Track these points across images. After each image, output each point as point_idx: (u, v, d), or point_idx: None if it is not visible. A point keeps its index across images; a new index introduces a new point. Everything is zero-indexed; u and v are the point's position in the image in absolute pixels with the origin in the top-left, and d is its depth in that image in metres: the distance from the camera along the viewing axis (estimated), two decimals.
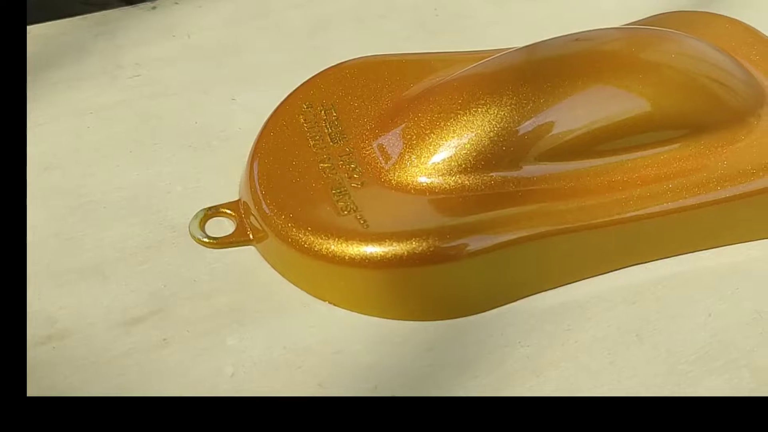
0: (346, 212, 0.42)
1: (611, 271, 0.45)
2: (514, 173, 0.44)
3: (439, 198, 0.43)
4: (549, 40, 0.48)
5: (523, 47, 0.47)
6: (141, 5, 0.57)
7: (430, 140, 0.44)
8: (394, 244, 0.41)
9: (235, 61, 0.54)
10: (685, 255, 0.46)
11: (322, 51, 0.53)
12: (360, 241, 0.41)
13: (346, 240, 0.41)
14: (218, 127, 0.50)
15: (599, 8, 0.57)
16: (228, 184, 0.46)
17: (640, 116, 0.46)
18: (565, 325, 0.43)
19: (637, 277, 0.45)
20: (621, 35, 0.49)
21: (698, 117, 0.47)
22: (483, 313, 0.43)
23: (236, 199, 0.46)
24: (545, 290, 0.44)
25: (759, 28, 0.53)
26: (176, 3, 0.57)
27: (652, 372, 0.41)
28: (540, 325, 0.43)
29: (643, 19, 0.53)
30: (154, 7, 0.57)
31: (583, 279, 0.45)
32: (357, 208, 0.42)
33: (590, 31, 0.48)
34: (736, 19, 0.53)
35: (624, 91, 0.46)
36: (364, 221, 0.42)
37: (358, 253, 0.41)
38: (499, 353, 0.41)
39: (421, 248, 0.41)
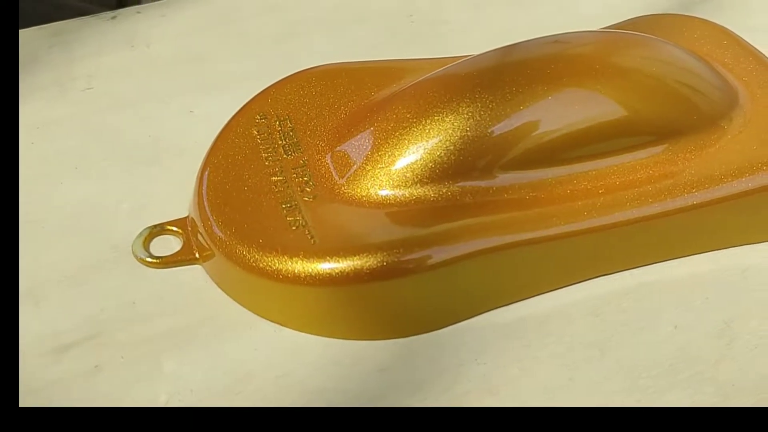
0: (294, 227, 0.41)
1: (575, 283, 0.43)
2: (471, 183, 0.42)
3: (392, 211, 0.42)
4: (512, 44, 0.46)
5: (485, 52, 0.46)
6: (101, 15, 0.55)
7: (384, 151, 0.43)
8: (342, 259, 0.40)
9: (196, 71, 0.53)
10: (653, 265, 0.44)
11: (290, 59, 0.52)
12: (305, 257, 0.40)
13: (291, 256, 0.40)
14: (173, 140, 0.48)
15: (578, 13, 0.56)
16: (180, 200, 0.45)
17: (606, 122, 0.45)
18: (525, 341, 0.41)
19: (602, 288, 0.43)
20: (587, 39, 0.47)
21: (667, 122, 0.45)
22: (438, 331, 0.41)
23: (185, 216, 0.44)
24: (505, 305, 0.42)
25: (736, 31, 0.51)
26: (138, 12, 0.56)
27: (613, 388, 0.40)
28: (498, 341, 0.41)
29: (618, 23, 0.52)
30: (114, 17, 0.55)
31: (546, 292, 0.42)
32: (307, 222, 0.41)
33: (555, 35, 0.46)
34: (711, 22, 0.51)
35: (587, 96, 0.45)
36: (312, 236, 0.40)
37: (303, 269, 0.40)
38: (453, 372, 0.40)
39: (369, 264, 0.40)
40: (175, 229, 0.44)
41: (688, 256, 0.45)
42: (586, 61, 0.45)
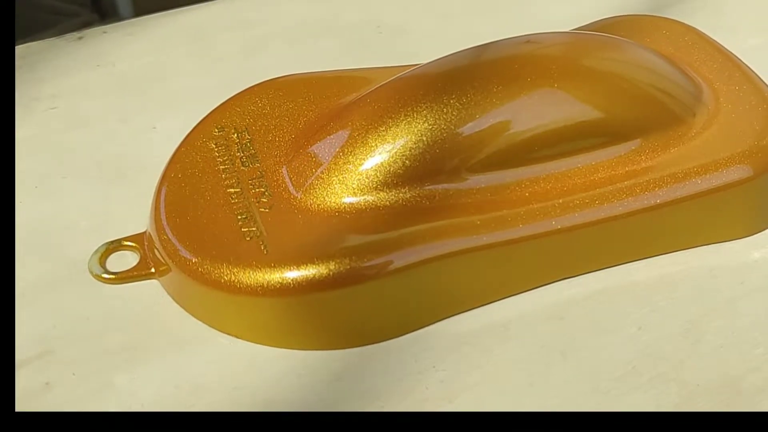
0: (249, 238, 0.40)
1: (538, 287, 0.42)
2: (428, 188, 0.42)
3: (348, 219, 0.41)
4: (472, 48, 0.46)
5: (444, 56, 0.45)
6: (67, 36, 0.55)
7: (339, 159, 0.43)
8: (292, 269, 0.39)
9: (160, 88, 0.52)
10: (618, 267, 0.43)
11: (256, 74, 0.51)
12: (256, 267, 0.39)
13: (243, 267, 0.40)
14: (135, 157, 0.48)
15: (546, 19, 0.56)
16: (141, 216, 0.44)
17: (567, 123, 0.44)
18: (485, 347, 0.40)
19: (566, 292, 0.43)
20: (550, 40, 0.47)
21: (630, 122, 0.45)
22: (396, 339, 0.40)
23: (143, 231, 0.43)
24: (466, 310, 0.41)
25: (709, 31, 0.51)
26: (105, 32, 0.56)
27: (574, 391, 0.39)
28: (458, 347, 0.40)
29: (586, 25, 0.51)
30: (81, 37, 0.55)
31: (508, 296, 0.42)
32: (262, 233, 0.40)
33: (516, 37, 0.46)
34: (678, 21, 0.51)
35: (546, 97, 0.44)
36: (265, 246, 0.40)
37: (254, 280, 0.39)
38: (411, 380, 0.39)
39: (320, 272, 0.39)
40: (131, 244, 0.43)
41: (655, 256, 0.44)
42: (548, 62, 0.45)
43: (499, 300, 0.43)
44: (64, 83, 0.53)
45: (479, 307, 0.42)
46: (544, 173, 0.43)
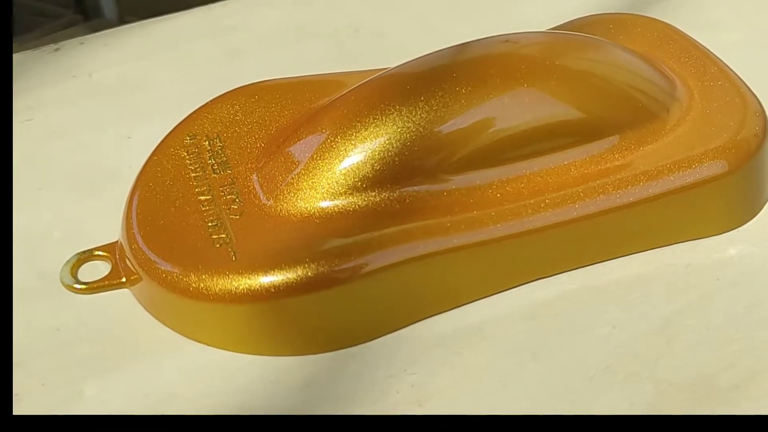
0: (218, 245, 0.40)
1: (512, 287, 0.42)
2: (399, 191, 0.42)
3: (318, 224, 0.42)
4: (445, 49, 0.46)
5: (416, 58, 0.45)
6: (44, 48, 0.55)
7: (308, 165, 0.43)
8: (262, 275, 0.39)
9: (137, 97, 0.53)
10: (593, 266, 0.43)
11: (234, 81, 0.51)
12: (224, 274, 0.40)
13: (211, 274, 0.40)
14: (110, 166, 0.48)
15: (524, 20, 0.56)
16: (114, 226, 0.44)
17: (539, 122, 0.44)
18: (457, 349, 0.40)
19: (540, 292, 0.43)
20: (522, 40, 0.47)
21: (603, 120, 0.45)
22: (368, 343, 0.40)
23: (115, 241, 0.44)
24: (438, 313, 0.41)
25: (690, 28, 0.51)
26: (82, 43, 0.56)
27: (546, 392, 0.39)
28: (430, 350, 0.40)
29: (561, 24, 0.51)
30: (57, 49, 0.56)
31: (482, 298, 0.42)
32: (231, 240, 0.40)
33: (486, 37, 0.46)
34: (655, 19, 0.51)
35: (518, 96, 0.44)
36: (234, 253, 0.40)
37: (222, 287, 0.39)
38: (382, 384, 0.39)
39: (290, 278, 0.39)
40: (103, 254, 0.43)
41: (629, 255, 0.44)
42: (518, 61, 0.45)
43: (472, 302, 0.42)
44: (40, 94, 0.53)
45: (452, 309, 0.42)
46: (517, 173, 0.43)
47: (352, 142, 0.42)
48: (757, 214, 0.46)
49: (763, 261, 0.44)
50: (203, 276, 0.40)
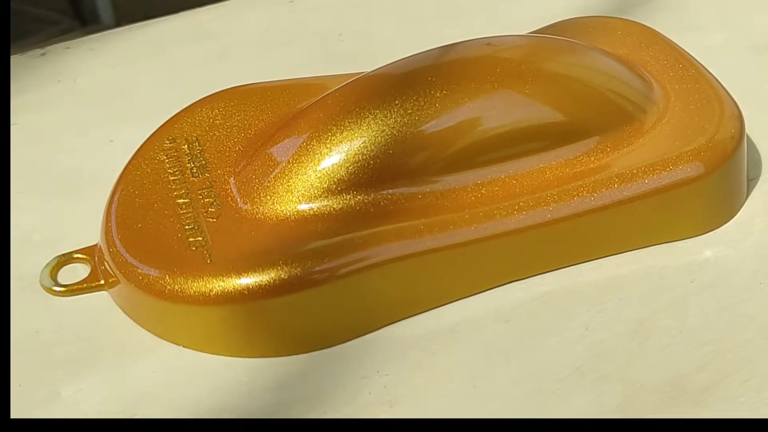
0: (194, 248, 0.41)
1: (486, 290, 0.43)
2: (375, 194, 0.43)
3: (293, 226, 0.42)
4: (422, 52, 0.46)
5: (394, 62, 0.46)
6: (30, 52, 0.56)
7: (285, 168, 0.43)
8: (235, 277, 0.40)
9: (120, 102, 0.54)
10: (568, 268, 0.44)
11: (218, 85, 0.52)
12: (199, 276, 0.40)
13: (186, 277, 0.40)
14: (91, 170, 0.49)
15: (511, 23, 0.56)
16: (94, 229, 0.45)
17: (515, 125, 0.45)
18: (431, 350, 0.41)
19: (514, 294, 0.43)
20: (497, 43, 0.47)
21: (578, 123, 0.45)
22: (342, 345, 0.41)
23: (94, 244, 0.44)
24: (413, 315, 0.42)
25: (674, 30, 0.52)
26: (68, 48, 0.57)
27: (517, 393, 0.40)
28: (403, 352, 0.41)
29: (542, 28, 0.52)
30: (43, 53, 0.56)
31: (456, 300, 0.42)
32: (207, 243, 0.41)
33: (462, 41, 0.46)
34: (635, 22, 0.52)
35: (493, 99, 0.45)
36: (209, 255, 0.40)
37: (196, 289, 0.40)
38: (354, 385, 0.40)
39: (264, 280, 0.40)
40: (82, 256, 0.44)
41: (605, 257, 0.44)
42: (493, 64, 0.45)
43: (447, 304, 0.43)
44: (25, 99, 0.54)
45: (427, 311, 0.43)
46: (494, 176, 0.44)
47: (328, 146, 0.43)
48: (733, 217, 0.46)
49: (739, 263, 0.44)
50: (178, 278, 0.41)
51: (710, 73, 0.48)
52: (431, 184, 0.43)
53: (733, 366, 0.41)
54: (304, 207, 0.42)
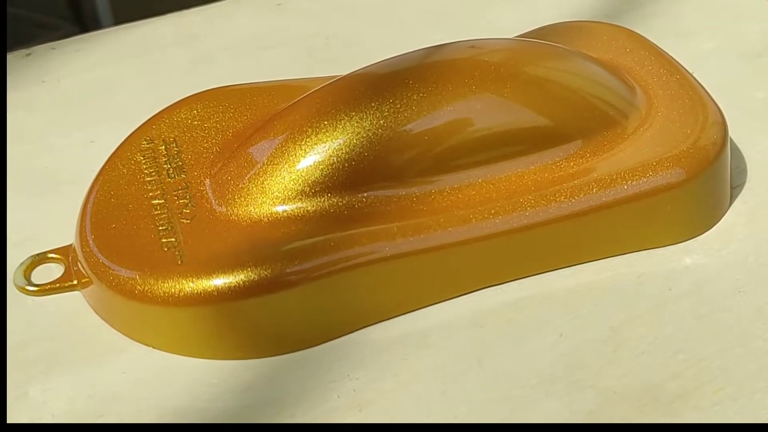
0: (166, 249, 0.41)
1: (461, 295, 0.43)
2: (348, 197, 0.43)
3: (265, 229, 0.43)
4: (402, 54, 0.46)
5: (372, 64, 0.46)
6: (16, 52, 0.57)
7: (259, 170, 0.44)
8: (205, 278, 0.40)
9: (103, 103, 0.54)
10: (543, 274, 0.44)
11: (202, 87, 0.52)
12: (169, 277, 0.41)
13: (156, 277, 0.41)
14: (71, 171, 0.50)
15: (499, 28, 0.56)
16: (72, 229, 0.45)
17: (493, 129, 0.45)
18: (402, 355, 0.41)
19: (489, 300, 0.44)
20: (479, 47, 0.47)
21: (558, 127, 0.45)
22: (313, 348, 0.41)
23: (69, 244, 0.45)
24: (385, 319, 0.42)
25: (663, 37, 0.52)
26: (53, 48, 0.57)
27: (486, 398, 0.40)
28: (375, 356, 0.41)
29: (528, 32, 0.52)
30: (29, 54, 0.57)
31: (430, 305, 0.43)
32: (180, 244, 0.41)
33: (442, 44, 0.47)
34: (621, 27, 0.52)
35: (473, 102, 0.45)
36: (181, 256, 0.41)
37: (167, 290, 0.41)
38: (323, 389, 0.40)
39: (233, 282, 0.40)
40: (56, 256, 0.45)
41: (582, 263, 0.44)
42: (471, 67, 0.46)
43: (420, 308, 0.43)
44: (9, 99, 0.54)
45: (400, 315, 0.43)
46: (469, 180, 0.44)
47: (303, 148, 0.43)
48: (715, 224, 0.46)
49: (718, 272, 0.44)
50: (149, 279, 0.41)
51: (695, 79, 0.48)
52: (407, 187, 0.43)
53: (708, 375, 0.41)
54: (278, 209, 0.43)
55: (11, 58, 0.57)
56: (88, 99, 0.54)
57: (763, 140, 0.50)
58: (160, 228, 0.43)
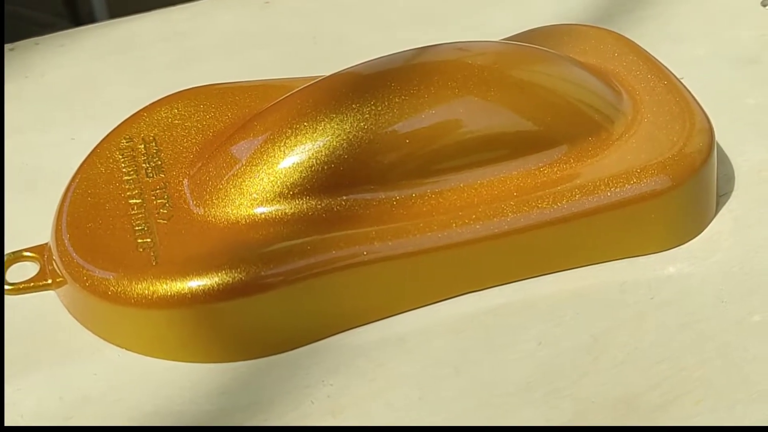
0: (141, 249, 0.41)
1: (441, 300, 0.43)
2: (327, 200, 0.43)
3: (242, 231, 0.42)
4: (387, 55, 0.46)
5: (354, 66, 0.46)
6: None
7: (237, 172, 0.43)
8: (180, 280, 0.40)
9: (85, 99, 0.54)
10: (525, 281, 0.43)
11: (186, 85, 0.52)
12: (143, 278, 0.40)
13: (130, 278, 0.40)
14: (50, 168, 0.50)
15: (489, 31, 0.56)
16: (48, 227, 0.45)
17: (477, 133, 0.45)
18: (379, 360, 0.41)
19: (469, 306, 0.43)
20: (463, 49, 0.47)
21: (541, 132, 0.45)
22: (289, 352, 0.41)
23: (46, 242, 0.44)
24: (363, 324, 0.42)
25: (654, 41, 0.52)
26: (37, 44, 0.57)
27: (462, 406, 0.40)
28: (351, 361, 0.41)
29: (516, 35, 0.52)
30: (12, 49, 0.57)
31: (410, 310, 0.42)
32: (155, 244, 0.41)
33: (429, 45, 0.46)
34: (610, 31, 0.52)
35: (454, 106, 0.44)
36: (156, 258, 0.40)
37: (140, 291, 0.40)
38: (298, 394, 0.40)
39: (207, 284, 0.40)
40: (31, 255, 0.44)
41: (565, 270, 0.44)
42: (456, 70, 0.45)
43: (399, 313, 0.43)
44: None
45: (378, 320, 0.43)
46: (451, 185, 0.44)
47: (282, 149, 0.43)
48: (700, 233, 0.46)
49: (702, 281, 0.44)
50: (122, 280, 0.41)
51: (683, 85, 0.48)
52: (387, 191, 0.43)
53: (688, 385, 0.41)
54: (255, 211, 0.42)
55: None
56: (71, 95, 0.54)
57: (751, 148, 0.49)
58: (137, 228, 0.43)
